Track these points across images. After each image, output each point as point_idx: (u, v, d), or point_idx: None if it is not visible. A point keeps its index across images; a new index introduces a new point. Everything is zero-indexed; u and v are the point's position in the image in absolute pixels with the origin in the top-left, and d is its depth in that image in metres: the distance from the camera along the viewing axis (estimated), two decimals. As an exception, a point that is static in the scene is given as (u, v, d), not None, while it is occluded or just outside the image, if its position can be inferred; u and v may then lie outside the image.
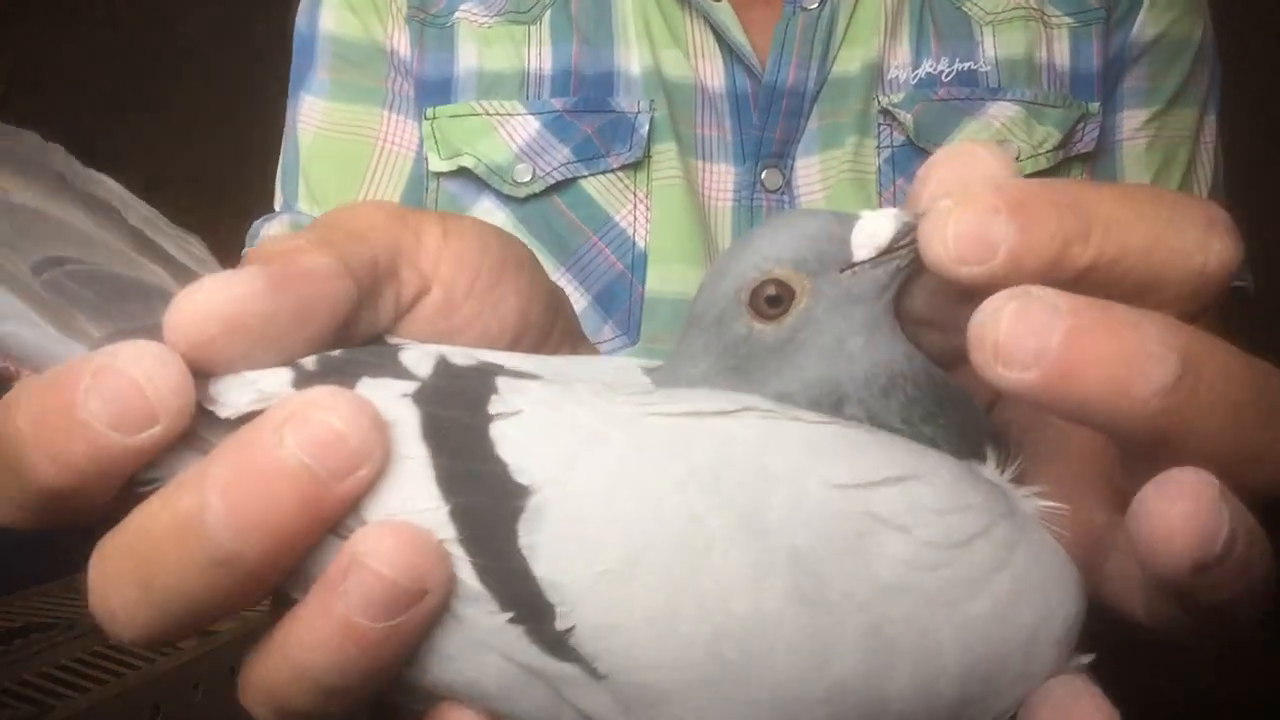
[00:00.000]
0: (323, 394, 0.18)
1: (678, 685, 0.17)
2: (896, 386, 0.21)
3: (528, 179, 0.54)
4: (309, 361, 0.21)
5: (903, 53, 0.56)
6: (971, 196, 0.19)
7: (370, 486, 0.19)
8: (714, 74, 0.55)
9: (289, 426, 0.18)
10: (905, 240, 0.21)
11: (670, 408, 0.20)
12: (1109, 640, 0.21)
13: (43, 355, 0.19)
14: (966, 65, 0.55)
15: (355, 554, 0.18)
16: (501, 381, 0.21)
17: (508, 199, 0.54)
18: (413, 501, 0.19)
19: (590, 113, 0.54)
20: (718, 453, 0.19)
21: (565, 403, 0.20)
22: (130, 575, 0.19)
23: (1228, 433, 0.18)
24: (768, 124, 0.54)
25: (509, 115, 0.55)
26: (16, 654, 1.07)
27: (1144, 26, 0.57)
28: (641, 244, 0.53)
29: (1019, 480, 0.22)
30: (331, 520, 0.19)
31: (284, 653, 0.19)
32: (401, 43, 0.57)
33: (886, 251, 0.22)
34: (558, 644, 0.18)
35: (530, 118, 0.54)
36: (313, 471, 0.18)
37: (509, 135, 0.55)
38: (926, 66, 0.55)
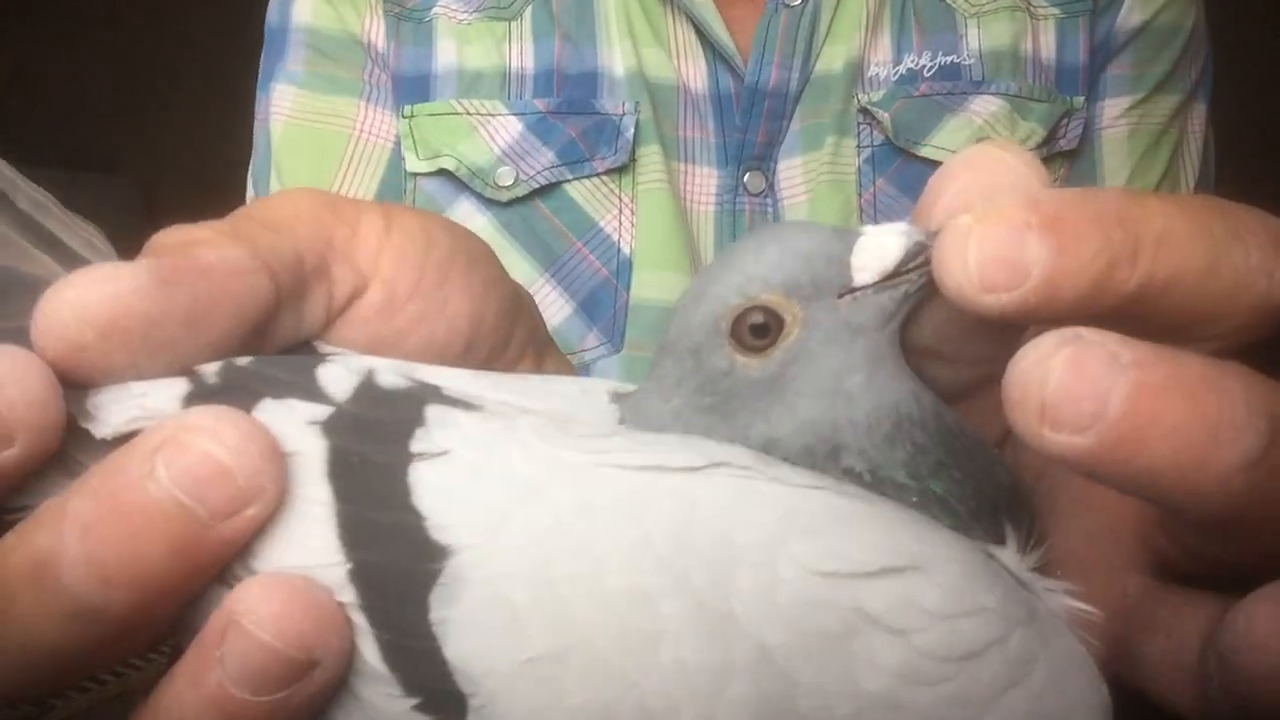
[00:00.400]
0: (205, 416, 0.15)
1: None
2: (903, 433, 0.18)
3: (510, 182, 0.52)
4: (210, 371, 0.17)
5: (884, 48, 0.54)
6: (998, 211, 0.16)
7: (259, 529, 0.15)
8: (696, 74, 0.54)
9: (162, 455, 0.15)
10: (916, 262, 0.18)
11: (627, 458, 0.16)
12: None
13: None
14: (949, 59, 0.54)
15: (234, 614, 0.15)
16: (432, 411, 0.17)
17: (490, 202, 0.53)
18: (309, 554, 0.16)
19: (574, 114, 0.53)
20: (679, 519, 0.16)
21: (503, 443, 0.17)
22: None
23: None
24: (750, 126, 0.53)
25: (490, 115, 0.53)
26: (17, 654, 1.07)
27: (1130, 13, 0.55)
28: (626, 250, 0.52)
29: (1044, 567, 0.18)
30: (213, 568, 0.15)
31: (186, 680, 0.16)
32: (378, 35, 0.55)
33: (893, 275, 0.18)
34: None
35: (512, 118, 0.53)
36: (189, 510, 0.15)
37: (490, 136, 0.53)
38: (908, 62, 0.54)
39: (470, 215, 0.53)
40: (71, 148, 2.00)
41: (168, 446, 0.15)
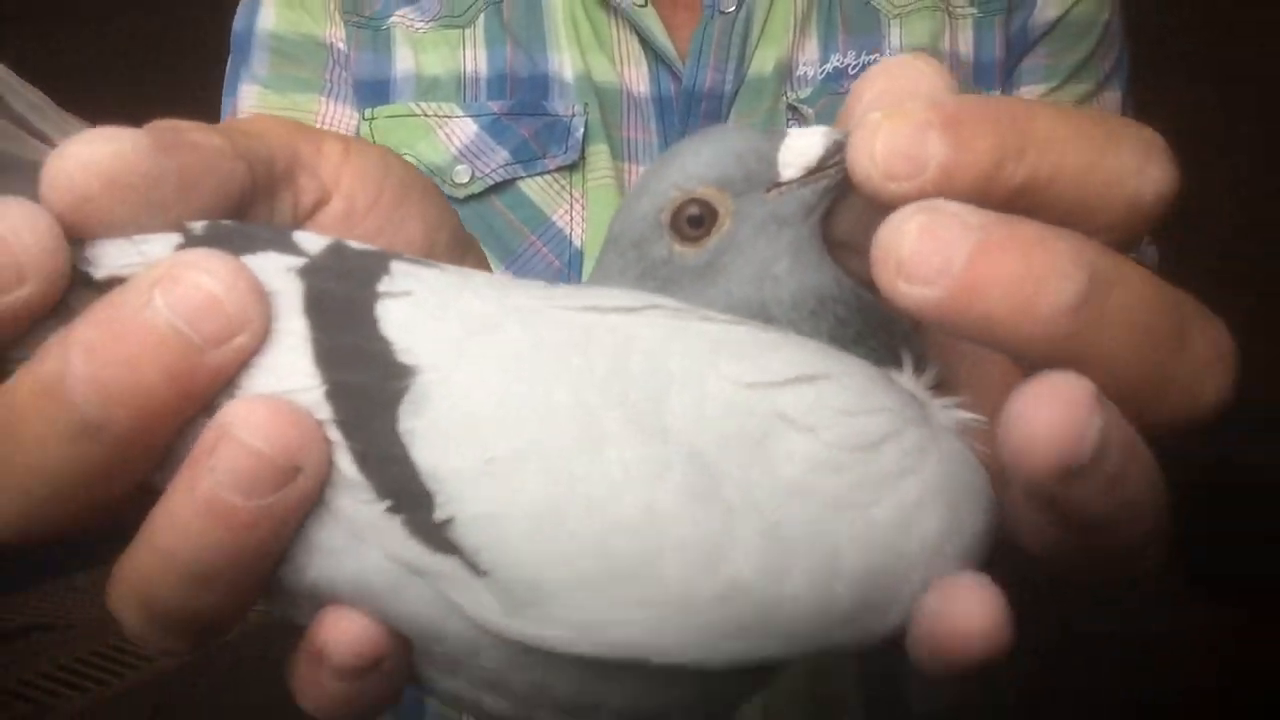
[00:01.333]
0: (199, 255, 0.17)
1: (563, 583, 0.16)
2: (825, 309, 0.20)
3: (467, 180, 0.54)
4: (198, 226, 0.19)
5: (811, 49, 0.56)
6: (903, 111, 0.18)
7: (247, 357, 0.17)
8: (639, 79, 0.56)
9: (160, 287, 0.16)
10: (835, 159, 0.20)
11: (572, 301, 0.19)
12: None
13: None
14: (873, 58, 0.56)
15: (224, 425, 0.16)
16: (396, 264, 0.19)
17: (448, 199, 0.56)
18: (289, 378, 0.17)
19: (527, 115, 0.55)
20: (619, 348, 0.18)
21: (461, 291, 0.19)
22: None
23: (1135, 357, 0.17)
24: (688, 126, 0.55)
25: (447, 117, 0.55)
26: (16, 654, 1.07)
27: (1045, 8, 0.57)
28: (578, 243, 0.55)
29: (939, 391, 0.20)
30: (205, 394, 0.17)
31: (150, 540, 0.17)
32: (339, 38, 0.57)
33: (815, 170, 0.20)
34: (436, 536, 0.17)
35: (468, 120, 0.55)
36: (184, 336, 0.16)
37: (447, 137, 0.55)
38: (834, 61, 0.56)
39: None
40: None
41: (165, 280, 0.16)
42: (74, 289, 0.17)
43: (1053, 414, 0.16)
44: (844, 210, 0.20)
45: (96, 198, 0.17)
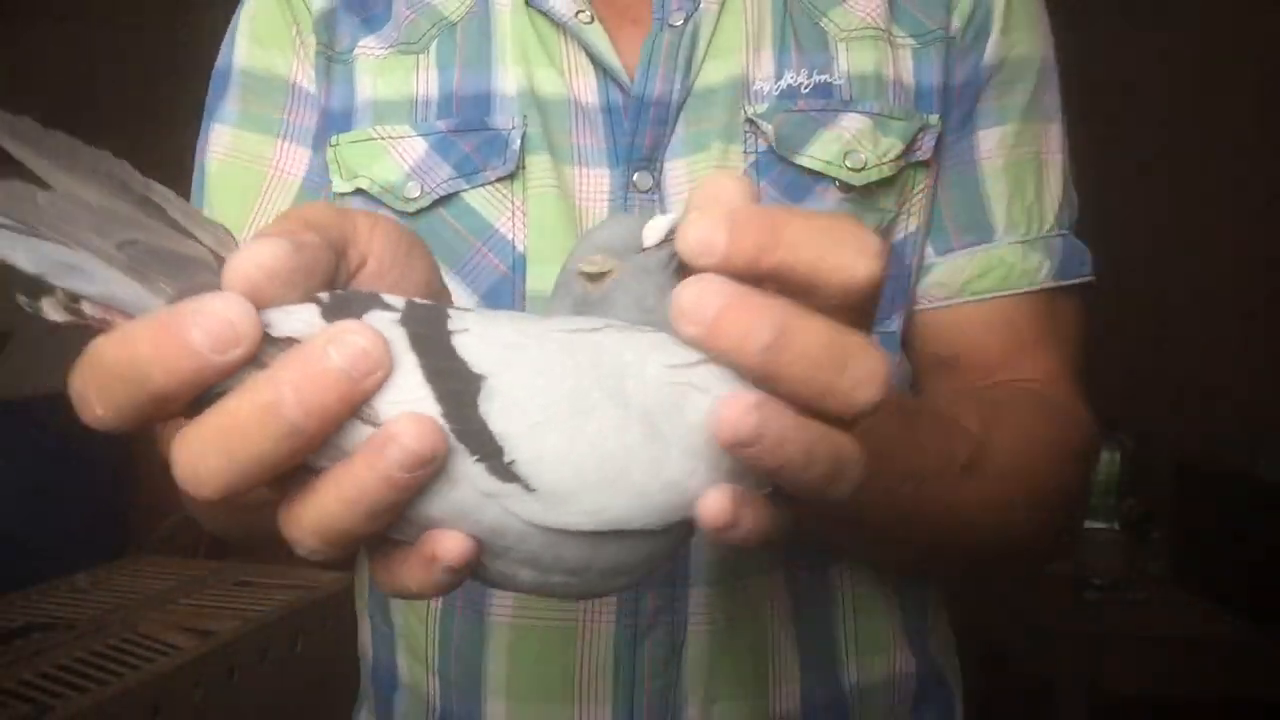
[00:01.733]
0: (352, 325, 0.28)
1: (578, 490, 0.29)
2: None
3: (416, 195, 0.59)
4: (324, 297, 0.30)
5: (766, 64, 0.60)
6: (708, 212, 0.29)
7: (382, 382, 0.28)
8: (587, 89, 0.59)
9: (333, 345, 0.27)
10: (673, 235, 0.32)
11: (560, 326, 0.31)
12: None
13: (135, 307, 0.28)
14: (823, 78, 0.60)
15: (391, 433, 0.27)
16: (451, 311, 0.31)
17: (401, 214, 0.59)
18: (412, 392, 0.28)
19: (469, 131, 0.59)
20: (593, 350, 0.30)
21: (495, 325, 0.31)
22: (216, 448, 0.27)
23: (807, 377, 0.28)
24: (637, 131, 0.58)
25: (400, 138, 0.60)
26: (16, 654, 1.07)
27: (994, 50, 0.62)
28: (521, 248, 0.58)
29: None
30: (357, 405, 0.28)
31: (339, 493, 0.28)
32: (305, 77, 0.63)
33: (663, 241, 0.32)
34: (505, 472, 0.29)
35: (419, 139, 0.60)
36: (349, 374, 0.27)
37: (400, 156, 0.60)
38: (788, 78, 0.59)
39: None
40: (72, 148, 2.01)
41: (335, 340, 0.27)
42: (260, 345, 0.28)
43: (729, 412, 0.28)
44: (685, 267, 0.31)
45: (264, 286, 0.28)
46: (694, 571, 0.56)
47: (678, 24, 0.59)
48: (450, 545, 0.29)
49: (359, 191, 0.60)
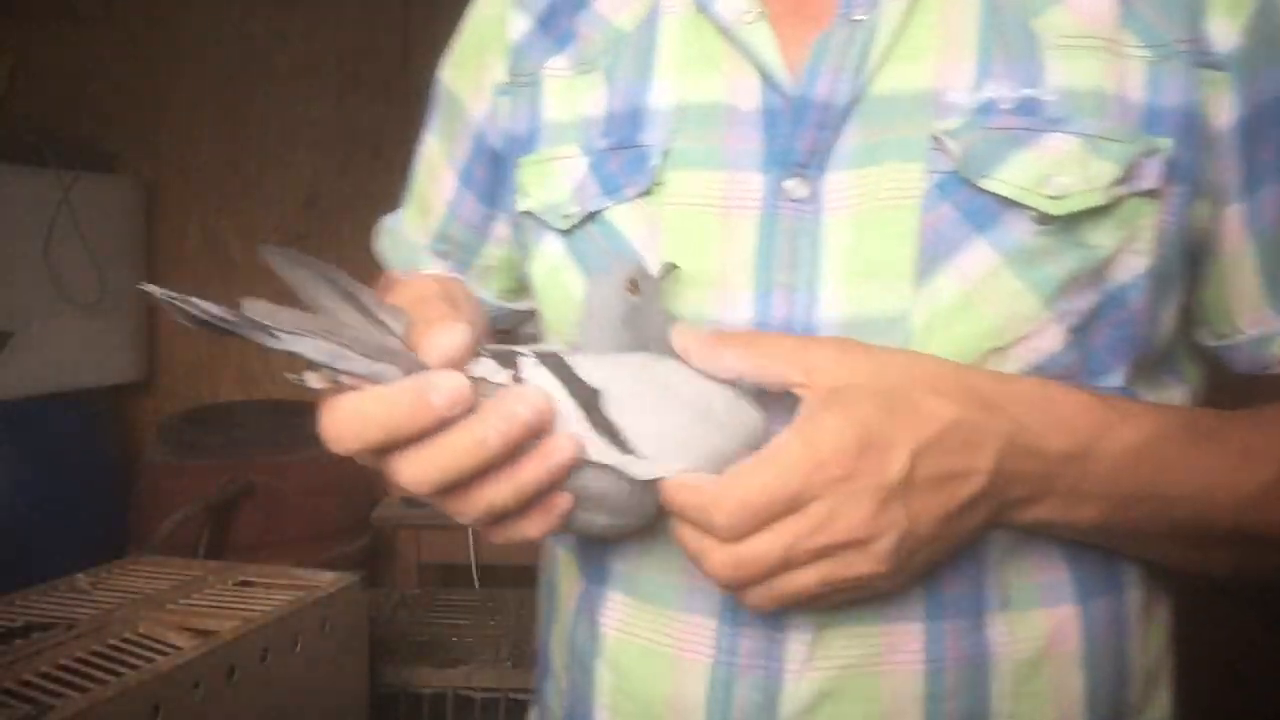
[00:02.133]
0: (526, 389, 0.44)
1: (667, 450, 0.46)
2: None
3: (572, 213, 0.59)
4: (487, 350, 0.46)
5: (964, 74, 0.52)
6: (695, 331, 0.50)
7: (550, 423, 0.44)
8: (745, 92, 0.56)
9: (519, 402, 0.43)
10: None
11: (625, 359, 0.49)
12: None
13: (376, 378, 0.43)
14: (1030, 92, 0.51)
15: (556, 450, 0.44)
16: (561, 351, 0.48)
17: (560, 233, 0.60)
18: (571, 415, 0.45)
19: (621, 149, 0.59)
20: (649, 368, 0.49)
21: (593, 361, 0.48)
22: (432, 466, 0.43)
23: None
24: (794, 134, 0.54)
25: (568, 158, 0.61)
26: (16, 654, 1.07)
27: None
28: (652, 270, 0.59)
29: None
30: (536, 431, 0.44)
31: (514, 484, 0.44)
32: (476, 106, 0.67)
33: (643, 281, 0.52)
34: (622, 445, 0.45)
35: (583, 159, 0.60)
36: (529, 417, 0.43)
37: (567, 176, 0.60)
38: (988, 90, 0.51)
39: (551, 243, 0.61)
40: (71, 148, 2.00)
41: (520, 398, 0.43)
42: None
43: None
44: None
45: (460, 358, 0.43)
46: (794, 615, 0.51)
47: (860, 18, 0.53)
48: (562, 501, 0.45)
49: (527, 213, 0.61)
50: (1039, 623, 0.51)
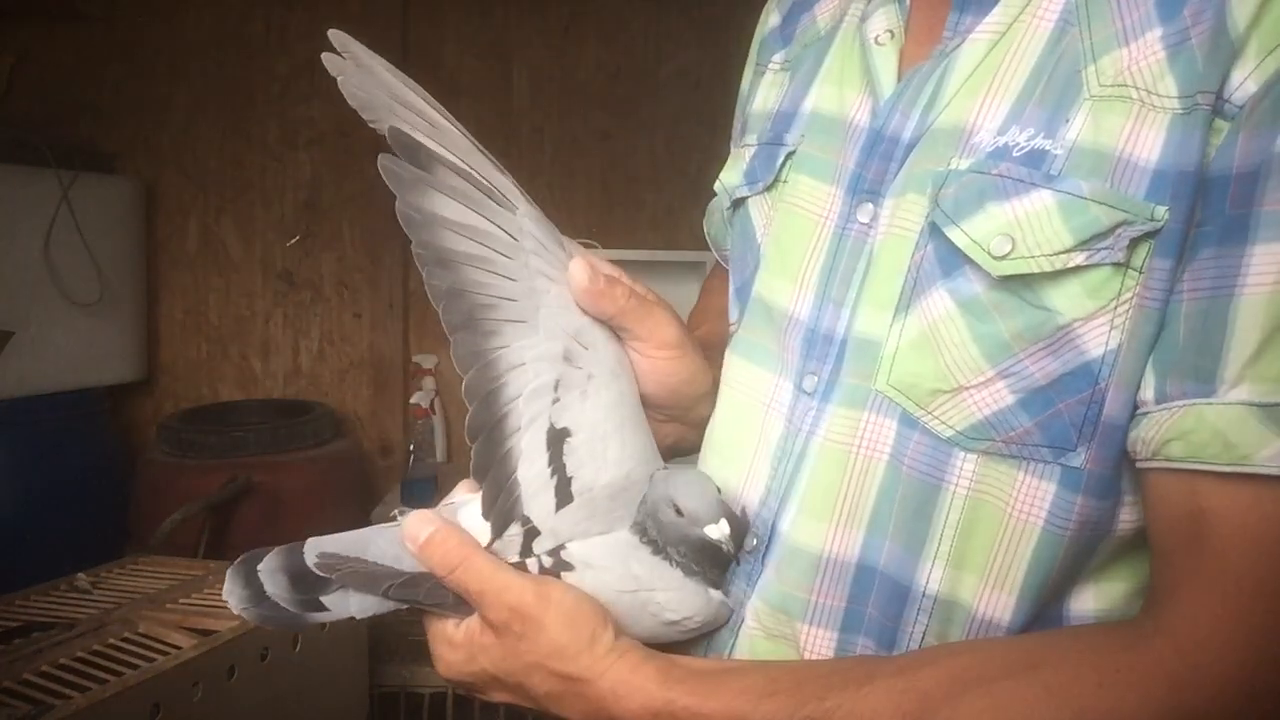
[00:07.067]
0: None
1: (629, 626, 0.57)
2: (683, 550, 0.58)
3: (737, 196, 0.67)
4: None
5: (996, 115, 0.51)
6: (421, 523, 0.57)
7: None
8: (863, 110, 0.59)
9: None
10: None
11: (630, 553, 0.58)
12: None
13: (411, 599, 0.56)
14: (1044, 143, 0.49)
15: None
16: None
17: (726, 209, 0.70)
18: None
19: (771, 145, 0.65)
20: (624, 552, 0.57)
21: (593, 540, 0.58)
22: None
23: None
24: (868, 162, 0.57)
25: (748, 146, 0.68)
26: (16, 654, 1.07)
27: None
28: (760, 254, 0.64)
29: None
30: None
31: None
32: (744, 88, 0.75)
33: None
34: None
35: (755, 148, 0.67)
36: None
37: (745, 162, 0.67)
38: (1010, 135, 0.50)
39: (728, 221, 0.70)
40: (71, 148, 2.00)
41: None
42: None
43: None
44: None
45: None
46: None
47: (952, 50, 0.54)
48: None
49: (718, 187, 0.70)
50: None
